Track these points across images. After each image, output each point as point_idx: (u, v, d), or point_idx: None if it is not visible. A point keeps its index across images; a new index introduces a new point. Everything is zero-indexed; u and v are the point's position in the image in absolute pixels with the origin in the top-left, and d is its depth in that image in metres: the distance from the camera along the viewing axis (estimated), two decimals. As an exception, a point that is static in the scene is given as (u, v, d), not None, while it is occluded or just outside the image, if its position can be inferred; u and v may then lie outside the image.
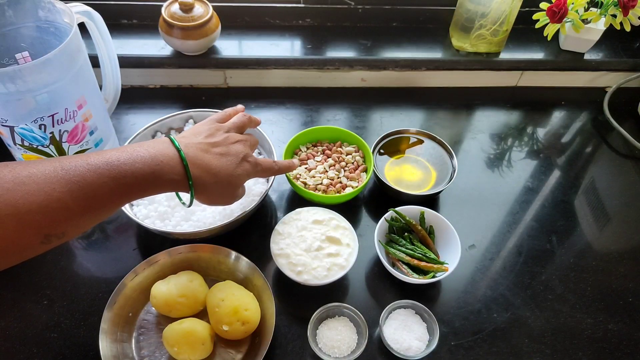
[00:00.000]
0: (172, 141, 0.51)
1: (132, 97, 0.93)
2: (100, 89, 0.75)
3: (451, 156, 0.82)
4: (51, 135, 0.66)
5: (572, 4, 0.89)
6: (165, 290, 0.62)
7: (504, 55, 0.97)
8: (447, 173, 0.80)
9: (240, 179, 0.56)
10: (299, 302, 0.67)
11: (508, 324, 0.67)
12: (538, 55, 0.99)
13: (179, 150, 0.50)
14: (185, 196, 0.56)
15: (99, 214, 0.46)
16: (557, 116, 0.98)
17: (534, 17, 0.94)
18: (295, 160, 0.67)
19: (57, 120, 0.64)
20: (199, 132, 0.56)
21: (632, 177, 0.87)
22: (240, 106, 0.66)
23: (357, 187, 0.75)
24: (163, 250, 0.66)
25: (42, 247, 0.43)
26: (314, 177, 0.77)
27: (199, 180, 0.51)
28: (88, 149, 0.72)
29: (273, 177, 0.72)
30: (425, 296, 0.69)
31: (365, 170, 0.79)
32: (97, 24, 0.71)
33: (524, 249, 0.76)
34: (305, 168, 0.79)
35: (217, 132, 0.56)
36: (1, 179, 0.40)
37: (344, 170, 0.79)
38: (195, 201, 0.55)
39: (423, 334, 0.63)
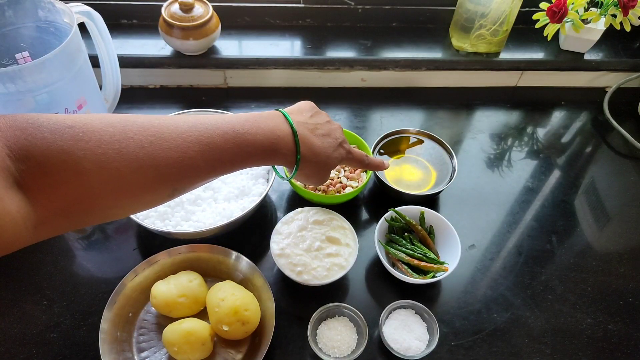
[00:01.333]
0: (285, 117, 0.53)
1: (132, 97, 0.93)
2: (100, 89, 0.75)
3: (451, 156, 0.82)
4: (51, 135, 0.65)
5: (572, 4, 0.89)
6: (165, 290, 0.62)
7: (504, 55, 0.97)
8: (447, 173, 0.80)
9: (335, 162, 0.57)
10: (299, 302, 0.67)
11: (508, 324, 0.67)
12: (538, 55, 0.99)
13: (292, 127, 0.52)
14: (282, 170, 0.58)
15: (219, 174, 0.48)
16: (557, 116, 0.98)
17: (534, 17, 0.94)
18: (387, 162, 0.67)
19: (57, 120, 0.64)
20: (304, 109, 0.57)
21: (632, 177, 0.87)
22: None
23: (357, 187, 0.75)
24: (163, 250, 0.66)
25: (167, 198, 0.46)
26: (314, 177, 0.77)
27: (304, 158, 0.53)
28: (88, 149, 0.72)
29: (274, 176, 0.72)
30: (425, 296, 0.69)
31: (365, 170, 0.79)
32: (97, 24, 0.71)
33: (524, 249, 0.76)
34: (305, 168, 0.79)
35: (319, 114, 0.58)
36: (146, 131, 0.42)
37: (344, 170, 0.79)
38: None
39: (423, 334, 0.63)
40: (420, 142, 0.85)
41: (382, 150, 0.83)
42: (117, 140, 0.40)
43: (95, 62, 0.73)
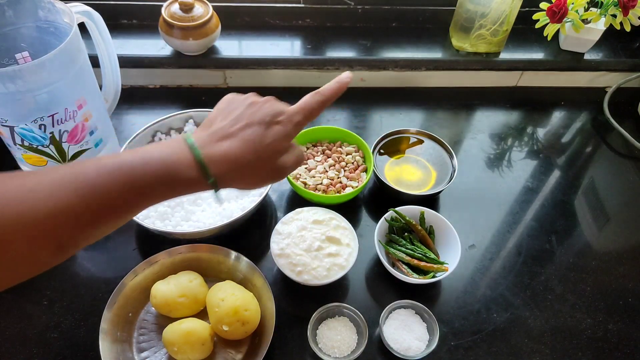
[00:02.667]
0: (186, 138, 0.47)
1: (132, 97, 0.93)
2: (100, 89, 0.75)
3: (451, 156, 0.82)
4: (51, 135, 0.66)
5: (572, 4, 0.89)
6: (165, 290, 0.62)
7: (504, 55, 0.97)
8: (447, 173, 0.80)
9: (273, 147, 0.47)
10: (299, 302, 0.67)
11: (508, 324, 0.67)
12: (538, 55, 0.99)
13: (192, 147, 0.45)
14: (222, 191, 0.50)
15: (112, 220, 0.43)
16: (557, 116, 0.98)
17: (534, 17, 0.94)
18: (345, 74, 0.52)
19: (57, 120, 0.64)
20: (215, 114, 0.49)
21: (632, 177, 0.87)
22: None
23: (357, 187, 0.75)
24: (163, 250, 0.66)
25: (57, 258, 0.41)
26: (314, 177, 0.77)
27: (221, 174, 0.45)
28: (88, 149, 0.72)
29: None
30: (425, 296, 0.69)
31: (365, 170, 0.79)
32: (97, 24, 0.71)
33: (523, 249, 0.76)
34: (305, 168, 0.79)
35: (234, 107, 0.49)
36: (10, 189, 0.38)
37: (344, 170, 0.79)
38: (224, 191, 0.49)
39: (423, 334, 0.63)
40: (420, 142, 0.85)
41: (382, 150, 0.84)
42: None
43: (95, 62, 0.73)
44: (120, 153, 0.44)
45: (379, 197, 0.81)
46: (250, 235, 0.74)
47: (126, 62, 0.84)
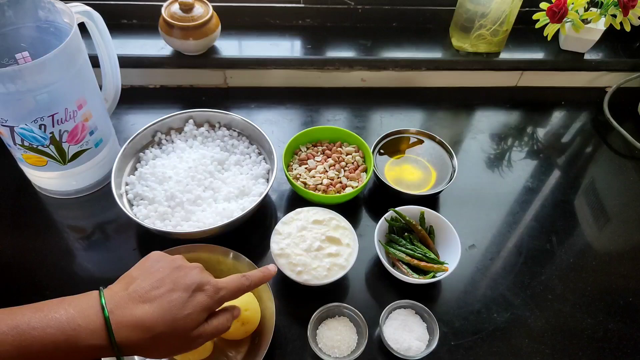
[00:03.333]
0: (100, 297, 0.43)
1: (132, 97, 0.93)
2: (100, 89, 0.75)
3: (451, 156, 0.82)
4: (51, 135, 0.66)
5: (572, 4, 0.89)
6: (165, 290, 0.62)
7: (504, 55, 0.97)
8: (447, 173, 0.80)
9: (191, 318, 0.44)
10: (299, 302, 0.67)
11: (508, 324, 0.67)
12: (538, 55, 0.99)
13: (103, 310, 0.41)
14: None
15: None
16: (557, 116, 0.98)
17: (534, 17, 0.94)
18: (272, 266, 0.54)
19: (57, 120, 0.64)
20: (141, 271, 0.47)
21: (632, 177, 0.87)
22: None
23: (357, 187, 0.75)
24: (163, 250, 0.66)
25: None
26: (314, 177, 0.77)
27: (129, 342, 0.41)
28: (88, 149, 0.72)
29: (274, 176, 0.72)
30: (425, 296, 0.69)
31: (365, 170, 0.79)
32: (97, 24, 0.71)
33: (524, 249, 0.76)
34: (305, 168, 0.79)
35: (160, 267, 0.47)
36: None
37: (344, 170, 0.79)
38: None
39: (423, 334, 0.63)
40: (420, 142, 0.85)
41: (382, 150, 0.84)
42: None
43: (95, 62, 0.73)
44: (26, 308, 0.41)
45: (379, 197, 0.81)
46: (250, 235, 0.74)
47: (126, 62, 0.84)
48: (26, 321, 0.39)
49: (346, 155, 0.80)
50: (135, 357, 0.56)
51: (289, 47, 0.96)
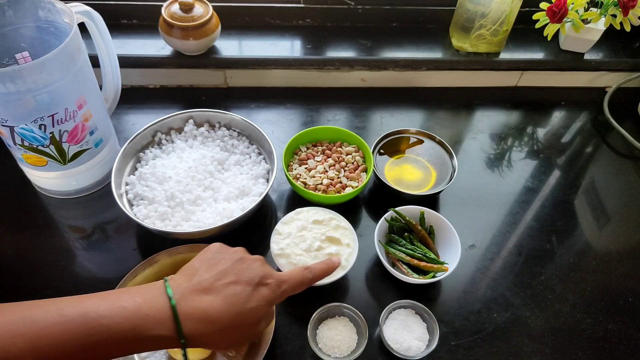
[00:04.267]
0: (166, 287, 0.43)
1: (132, 97, 0.93)
2: (100, 89, 0.75)
3: (451, 156, 0.82)
4: (51, 135, 0.66)
5: (572, 4, 0.89)
6: (165, 290, 0.62)
7: (504, 55, 0.97)
8: (447, 173, 0.80)
9: (255, 311, 0.44)
10: (299, 302, 0.67)
11: (508, 324, 0.67)
12: (538, 55, 0.99)
13: (170, 300, 0.41)
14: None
15: None
16: (557, 116, 0.98)
17: (534, 17, 0.94)
18: (336, 258, 0.54)
19: (57, 120, 0.64)
20: (199, 263, 0.47)
21: (632, 177, 0.87)
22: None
23: (357, 187, 0.75)
24: (163, 250, 0.66)
25: None
26: (314, 177, 0.77)
27: (195, 334, 0.42)
28: (88, 149, 0.72)
29: (274, 176, 0.72)
30: (425, 296, 0.69)
31: (365, 170, 0.79)
32: (97, 24, 0.71)
33: (524, 249, 0.76)
34: (305, 168, 0.79)
35: (222, 259, 0.47)
36: None
37: (344, 170, 0.79)
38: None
39: (423, 334, 0.63)
40: (420, 142, 0.85)
41: (382, 150, 0.84)
42: None
43: (95, 62, 0.73)
44: (91, 296, 0.41)
45: (379, 197, 0.81)
46: (250, 235, 0.74)
47: (126, 62, 0.84)
48: (94, 309, 0.39)
49: (346, 155, 0.80)
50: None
51: (289, 47, 0.96)
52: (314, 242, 0.66)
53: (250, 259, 0.47)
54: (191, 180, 0.72)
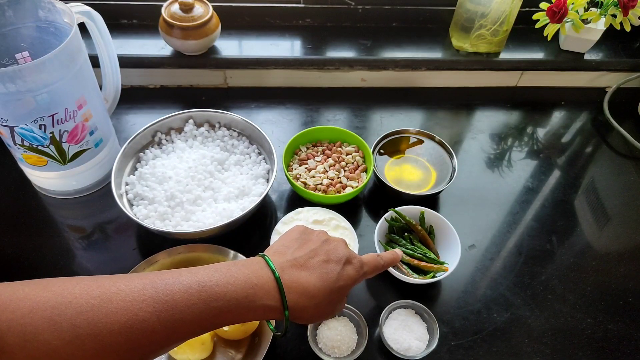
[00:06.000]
0: (266, 261, 0.46)
1: (132, 97, 0.93)
2: (100, 89, 0.75)
3: (451, 156, 0.82)
4: (51, 135, 0.66)
5: (572, 4, 0.89)
6: (165, 290, 0.62)
7: (504, 55, 0.97)
8: (447, 173, 0.80)
9: (342, 291, 0.48)
10: (299, 302, 0.67)
11: (508, 324, 0.67)
12: (538, 55, 0.99)
13: (274, 272, 0.45)
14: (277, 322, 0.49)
15: (183, 337, 0.41)
16: (557, 116, 0.98)
17: (534, 17, 0.94)
18: (399, 250, 0.58)
19: (57, 120, 0.64)
20: (290, 242, 0.49)
21: (632, 177, 0.87)
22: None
23: (357, 187, 0.75)
24: (163, 250, 0.66)
25: None
26: (314, 177, 0.77)
27: (296, 306, 0.45)
28: (88, 149, 0.72)
29: (274, 176, 0.72)
30: (425, 296, 0.69)
31: (365, 170, 0.79)
32: (97, 24, 0.71)
33: (524, 249, 0.76)
34: (305, 168, 0.79)
35: (310, 239, 0.50)
36: (88, 293, 0.37)
37: (344, 170, 0.79)
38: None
39: (423, 334, 0.63)
40: (420, 142, 0.85)
41: (382, 150, 0.84)
42: (50, 306, 0.35)
43: (95, 62, 0.73)
44: (200, 268, 0.43)
45: (379, 197, 0.81)
46: (250, 235, 0.74)
47: (126, 62, 0.84)
48: (209, 278, 0.42)
49: (346, 155, 0.80)
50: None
51: (289, 47, 0.96)
52: (314, 242, 0.66)
53: (335, 240, 0.50)
54: (191, 180, 0.72)
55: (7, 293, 0.36)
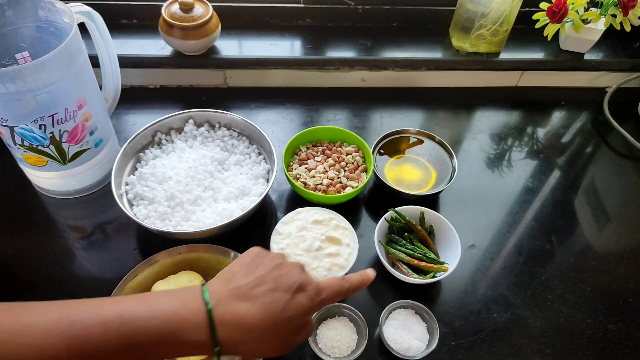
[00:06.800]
0: (203, 292, 0.43)
1: (132, 97, 0.93)
2: (101, 89, 0.75)
3: (451, 156, 0.82)
4: (51, 135, 0.66)
5: (572, 4, 0.89)
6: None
7: (504, 55, 0.97)
8: (447, 173, 0.80)
9: (293, 322, 0.43)
10: (299, 302, 0.67)
11: (508, 324, 0.67)
12: (538, 55, 0.99)
13: (207, 304, 0.41)
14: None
15: None
16: (557, 116, 0.98)
17: (534, 17, 0.94)
18: (370, 270, 0.50)
19: (57, 120, 0.64)
20: (239, 267, 0.46)
21: (632, 177, 0.87)
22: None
23: (357, 187, 0.75)
24: (163, 250, 0.66)
25: None
26: (314, 177, 0.77)
27: (230, 341, 0.41)
28: (88, 149, 0.72)
29: (274, 176, 0.72)
30: (425, 296, 0.69)
31: (365, 170, 0.79)
32: (97, 24, 0.71)
33: (524, 249, 0.76)
34: (305, 168, 0.79)
35: (261, 264, 0.45)
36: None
37: (344, 170, 0.79)
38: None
39: (423, 334, 0.63)
40: (420, 142, 0.85)
41: (382, 150, 0.84)
42: None
43: (95, 62, 0.73)
44: (128, 298, 0.41)
45: (379, 197, 0.81)
46: (250, 235, 0.74)
47: (126, 62, 0.84)
48: (131, 311, 0.39)
49: (346, 155, 0.80)
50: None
51: (289, 47, 0.96)
52: (314, 242, 0.66)
53: (289, 265, 0.46)
54: (191, 180, 0.72)
55: None
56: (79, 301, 0.39)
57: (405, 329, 0.63)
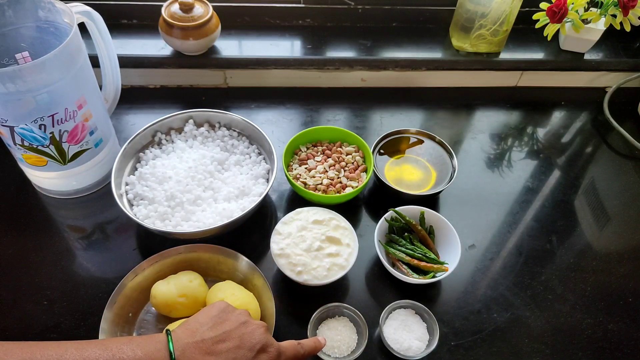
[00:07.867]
0: (168, 341, 0.43)
1: (132, 97, 0.93)
2: (100, 89, 0.75)
3: (451, 156, 0.82)
4: (51, 135, 0.66)
5: (572, 4, 0.89)
6: (165, 290, 0.62)
7: (504, 55, 0.97)
8: (447, 173, 0.80)
9: None
10: (299, 302, 0.67)
11: (508, 324, 0.67)
12: (538, 55, 0.99)
13: (171, 354, 0.42)
14: None
15: None
16: (557, 116, 0.98)
17: (534, 17, 0.94)
18: (321, 338, 0.56)
19: (57, 120, 0.64)
20: (205, 319, 0.47)
21: (632, 177, 0.87)
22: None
23: (357, 187, 0.75)
24: (163, 250, 0.66)
25: None
26: (314, 177, 0.77)
27: None
28: (88, 149, 0.72)
29: (274, 176, 0.72)
30: (425, 296, 0.69)
31: (365, 170, 0.79)
32: (97, 24, 0.71)
33: (524, 249, 0.76)
34: (305, 168, 0.79)
35: (227, 319, 0.47)
36: None
37: (344, 170, 0.79)
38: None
39: (423, 334, 0.63)
40: (420, 142, 0.85)
41: (382, 150, 0.84)
42: None
43: (95, 62, 0.73)
44: (93, 343, 0.41)
45: (379, 197, 0.81)
46: (250, 235, 0.74)
47: (126, 62, 0.84)
48: (94, 358, 0.39)
49: (346, 155, 0.80)
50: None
51: (289, 47, 0.96)
52: (314, 242, 0.66)
53: (254, 324, 0.48)
54: (191, 180, 0.72)
55: None
56: (42, 344, 0.39)
57: (405, 329, 0.63)
